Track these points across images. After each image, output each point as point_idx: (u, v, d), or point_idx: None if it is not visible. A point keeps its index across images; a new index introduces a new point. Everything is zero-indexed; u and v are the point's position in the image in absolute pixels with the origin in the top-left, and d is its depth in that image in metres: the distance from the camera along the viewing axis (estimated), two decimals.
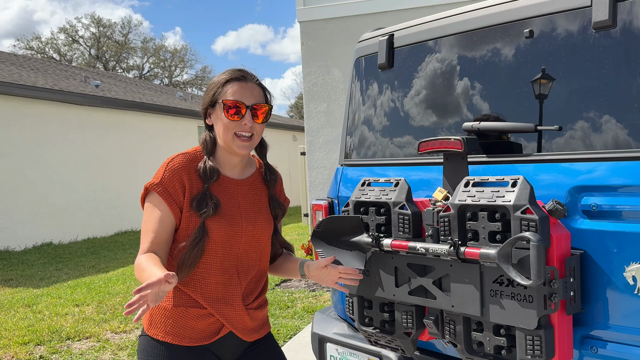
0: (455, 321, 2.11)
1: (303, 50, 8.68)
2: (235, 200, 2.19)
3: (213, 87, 2.16)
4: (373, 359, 2.68)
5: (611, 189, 1.97)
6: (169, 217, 2.09)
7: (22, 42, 42.74)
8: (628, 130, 1.97)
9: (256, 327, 2.24)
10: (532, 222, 1.85)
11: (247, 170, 2.28)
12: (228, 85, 2.14)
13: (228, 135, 2.12)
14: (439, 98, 2.57)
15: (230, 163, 2.22)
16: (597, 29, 2.03)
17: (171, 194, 2.08)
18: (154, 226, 2.07)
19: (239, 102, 2.10)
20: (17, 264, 10.89)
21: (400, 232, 2.24)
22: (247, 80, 2.16)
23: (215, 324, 2.14)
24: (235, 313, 2.15)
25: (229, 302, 2.15)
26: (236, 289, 2.17)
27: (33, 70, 15.68)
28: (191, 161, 2.15)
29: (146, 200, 2.12)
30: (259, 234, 2.22)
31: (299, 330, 5.92)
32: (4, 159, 12.53)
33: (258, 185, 2.29)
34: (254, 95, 2.14)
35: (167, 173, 2.10)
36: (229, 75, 2.16)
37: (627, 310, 1.93)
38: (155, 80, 44.20)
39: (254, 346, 2.26)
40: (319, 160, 8.69)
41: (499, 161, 2.28)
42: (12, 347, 5.70)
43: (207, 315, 2.12)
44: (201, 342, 2.12)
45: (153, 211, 2.09)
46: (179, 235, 2.12)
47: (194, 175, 2.13)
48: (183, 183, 2.10)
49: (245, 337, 2.20)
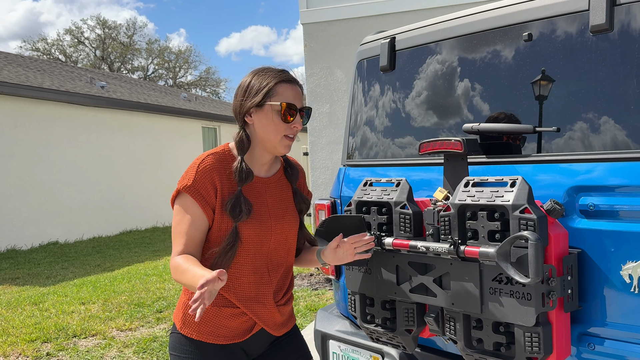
0: (455, 318, 2.13)
1: (306, 52, 8.70)
2: (263, 199, 2.17)
3: (261, 88, 2.09)
4: (375, 356, 2.70)
5: (608, 189, 1.99)
6: (202, 219, 2.06)
7: (29, 43, 42.89)
8: (625, 132, 1.98)
9: (284, 321, 2.26)
10: (530, 221, 1.87)
11: (273, 167, 2.26)
12: (279, 87, 2.09)
13: (278, 136, 2.09)
14: (439, 100, 2.59)
15: (262, 162, 2.19)
16: (594, 32, 2.04)
17: (204, 195, 2.05)
18: (187, 228, 2.05)
19: (294, 106, 2.08)
20: (23, 263, 10.93)
21: (402, 231, 2.26)
22: (295, 83, 2.14)
23: (248, 322, 2.15)
24: (267, 311, 2.17)
25: (261, 300, 2.15)
26: (268, 287, 2.17)
27: (39, 71, 15.72)
28: (221, 161, 2.11)
29: (177, 201, 2.09)
30: (287, 231, 2.21)
31: (302, 328, 5.94)
32: (11, 159, 12.57)
33: (283, 182, 2.27)
34: (301, 98, 2.14)
35: (199, 174, 2.06)
36: (277, 76, 2.11)
37: (623, 308, 1.95)
38: (159, 81, 44.25)
39: (281, 339, 2.28)
40: (322, 160, 8.71)
41: (498, 162, 2.30)
42: (19, 345, 5.73)
43: (240, 314, 2.13)
44: (234, 340, 2.13)
45: (185, 213, 2.06)
46: (212, 235, 2.10)
47: (224, 175, 2.09)
48: (215, 184, 2.06)
49: (275, 332, 2.22)
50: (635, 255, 1.90)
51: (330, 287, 7.75)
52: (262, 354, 2.25)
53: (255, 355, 2.23)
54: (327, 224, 2.38)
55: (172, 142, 17.30)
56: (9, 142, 12.53)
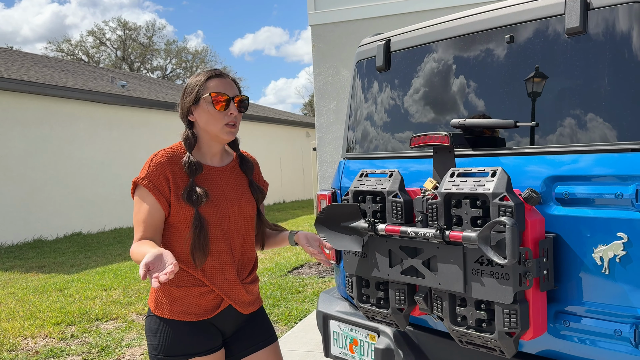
0: (442, 297, 2.19)
1: (314, 52, 8.76)
2: (219, 185, 2.30)
3: (194, 87, 2.26)
4: (372, 334, 2.78)
5: (582, 178, 2.04)
6: (157, 208, 2.17)
7: (53, 44, 43.15)
8: (598, 126, 2.04)
9: (251, 300, 2.36)
10: (508, 208, 1.93)
11: (225, 158, 2.39)
12: (209, 82, 2.25)
13: (218, 125, 2.23)
14: (430, 97, 2.66)
15: (211, 152, 2.32)
16: (569, 34, 2.11)
17: (157, 186, 2.17)
18: (145, 217, 2.16)
19: (223, 94, 2.23)
20: (49, 252, 11.10)
21: (394, 218, 2.33)
22: (224, 76, 2.29)
23: (216, 299, 2.26)
24: (233, 288, 2.27)
25: (227, 278, 2.26)
26: (231, 265, 2.28)
27: (64, 71, 15.88)
28: (173, 155, 2.24)
29: (135, 193, 2.21)
30: (244, 213, 2.34)
31: (309, 312, 6.03)
32: (38, 155, 12.73)
33: (237, 172, 2.39)
34: (234, 89, 2.28)
35: (151, 168, 2.19)
36: (206, 74, 2.27)
37: (595, 287, 2.01)
38: (177, 80, 44.36)
39: (249, 319, 2.39)
40: (329, 155, 8.78)
41: (482, 154, 2.37)
42: (46, 327, 5.87)
43: (208, 292, 2.24)
44: (204, 316, 2.23)
45: (142, 203, 2.18)
46: (173, 221, 2.21)
47: (176, 169, 2.22)
48: (167, 176, 2.18)
49: (243, 309, 2.32)
50: (606, 239, 1.96)
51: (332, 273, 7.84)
52: (234, 332, 2.35)
53: (228, 333, 2.34)
54: (326, 212, 2.46)
55: None
56: (36, 138, 12.69)
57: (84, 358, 4.99)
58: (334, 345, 2.98)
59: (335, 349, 2.97)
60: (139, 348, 5.18)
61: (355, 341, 2.85)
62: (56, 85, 13.09)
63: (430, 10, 7.53)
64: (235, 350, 2.36)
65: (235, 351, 2.36)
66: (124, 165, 14.97)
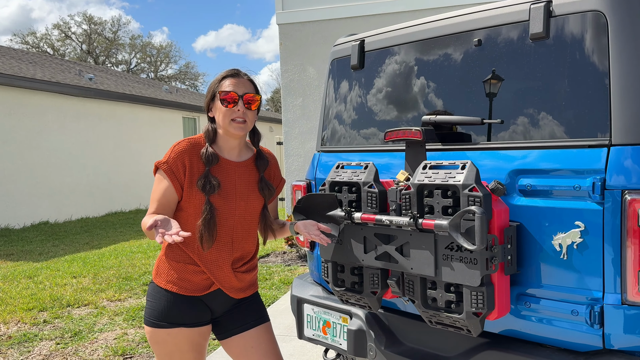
0: (413, 281, 2.26)
1: (281, 49, 8.77)
2: (232, 179, 2.36)
3: (212, 85, 2.36)
4: (344, 316, 2.83)
5: (543, 172, 2.12)
6: (171, 191, 2.28)
7: (18, 37, 41.83)
8: (557, 124, 2.13)
9: (243, 287, 2.42)
10: (477, 198, 2.01)
11: (244, 154, 2.44)
12: (224, 81, 2.34)
13: (226, 121, 2.31)
14: (402, 95, 2.72)
15: (229, 147, 2.38)
16: (533, 39, 2.20)
17: (174, 171, 2.27)
18: (159, 196, 2.28)
19: (233, 93, 2.29)
20: (17, 241, 10.84)
21: (369, 207, 2.38)
22: (239, 76, 2.35)
23: (207, 281, 2.34)
24: (223, 274, 2.35)
25: (220, 265, 2.34)
26: (228, 255, 2.35)
27: (31, 63, 15.47)
28: (194, 146, 2.33)
29: (156, 174, 2.32)
30: (250, 209, 2.40)
31: (277, 299, 6.07)
32: (6, 145, 12.41)
33: (252, 168, 2.44)
34: (246, 87, 2.33)
35: (172, 154, 2.29)
36: (223, 73, 2.37)
37: (554, 272, 2.09)
38: (142, 74, 43.61)
39: (241, 303, 2.46)
40: (295, 149, 8.82)
41: (452, 148, 2.43)
42: (17, 313, 5.76)
43: (200, 272, 2.33)
44: (195, 293, 2.33)
45: (159, 184, 2.30)
46: (184, 206, 2.31)
47: (195, 157, 2.31)
48: (185, 164, 2.28)
49: (232, 294, 2.39)
50: (565, 227, 2.04)
51: (302, 264, 7.89)
52: (226, 312, 2.43)
53: (219, 313, 2.42)
54: (304, 201, 2.51)
55: (155, 130, 17.19)
56: (4, 129, 12.36)
57: (57, 342, 4.92)
58: (308, 328, 3.03)
59: (309, 331, 3.02)
60: (112, 333, 5.14)
61: (328, 323, 2.90)
62: (25, 76, 12.75)
63: (394, 14, 7.62)
64: (227, 328, 2.43)
65: (227, 329, 2.43)
66: (91, 156, 14.70)
